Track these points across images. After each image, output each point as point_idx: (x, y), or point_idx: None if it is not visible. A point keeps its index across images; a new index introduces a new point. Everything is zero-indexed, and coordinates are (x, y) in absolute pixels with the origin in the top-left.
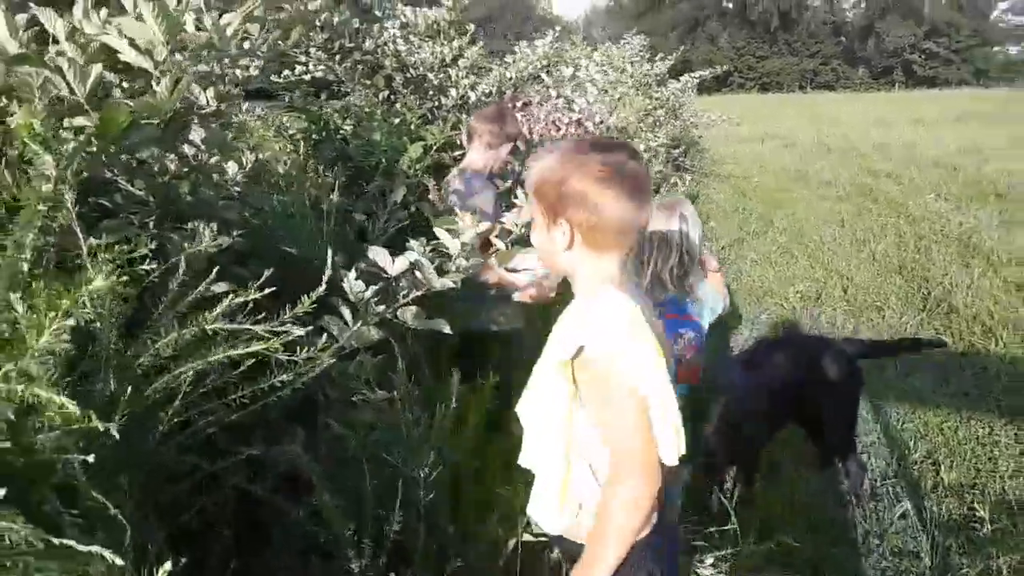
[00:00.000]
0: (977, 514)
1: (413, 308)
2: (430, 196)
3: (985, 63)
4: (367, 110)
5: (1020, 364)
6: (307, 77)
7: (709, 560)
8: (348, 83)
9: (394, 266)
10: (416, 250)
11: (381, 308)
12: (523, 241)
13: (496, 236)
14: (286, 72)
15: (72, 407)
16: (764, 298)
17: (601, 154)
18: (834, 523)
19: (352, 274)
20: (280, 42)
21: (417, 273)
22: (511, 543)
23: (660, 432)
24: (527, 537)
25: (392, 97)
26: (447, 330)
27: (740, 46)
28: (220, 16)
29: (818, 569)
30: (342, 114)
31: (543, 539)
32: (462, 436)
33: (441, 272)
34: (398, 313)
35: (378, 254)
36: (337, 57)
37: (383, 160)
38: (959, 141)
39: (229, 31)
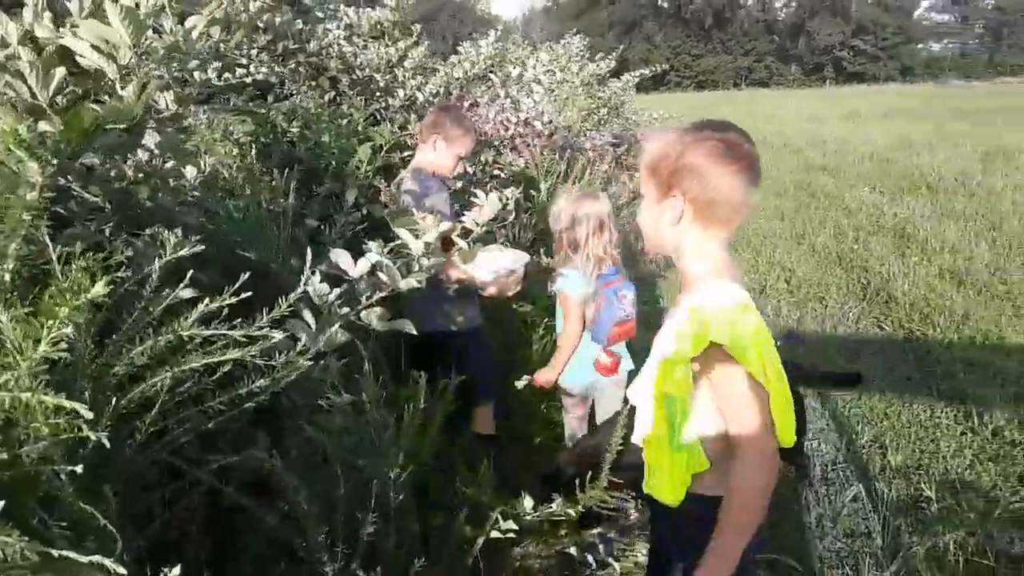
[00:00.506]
0: (924, 494)
1: (378, 310)
2: (381, 197)
3: (910, 60)
4: (314, 112)
5: (956, 349)
6: (248, 80)
7: None
8: (292, 85)
9: (356, 268)
10: (376, 251)
11: (345, 310)
12: (484, 240)
13: (457, 235)
14: (226, 75)
15: (84, 411)
16: None
17: (718, 132)
18: (789, 508)
19: (316, 277)
20: (222, 44)
21: (380, 274)
22: (479, 541)
23: (777, 418)
24: (495, 534)
25: (338, 99)
26: (412, 330)
27: (676, 45)
28: (181, 19)
29: (776, 552)
30: (288, 116)
31: (510, 535)
32: (428, 437)
33: (403, 272)
34: (362, 315)
35: (340, 256)
36: (281, 59)
37: (333, 162)
38: (888, 136)
39: (195, 34)
